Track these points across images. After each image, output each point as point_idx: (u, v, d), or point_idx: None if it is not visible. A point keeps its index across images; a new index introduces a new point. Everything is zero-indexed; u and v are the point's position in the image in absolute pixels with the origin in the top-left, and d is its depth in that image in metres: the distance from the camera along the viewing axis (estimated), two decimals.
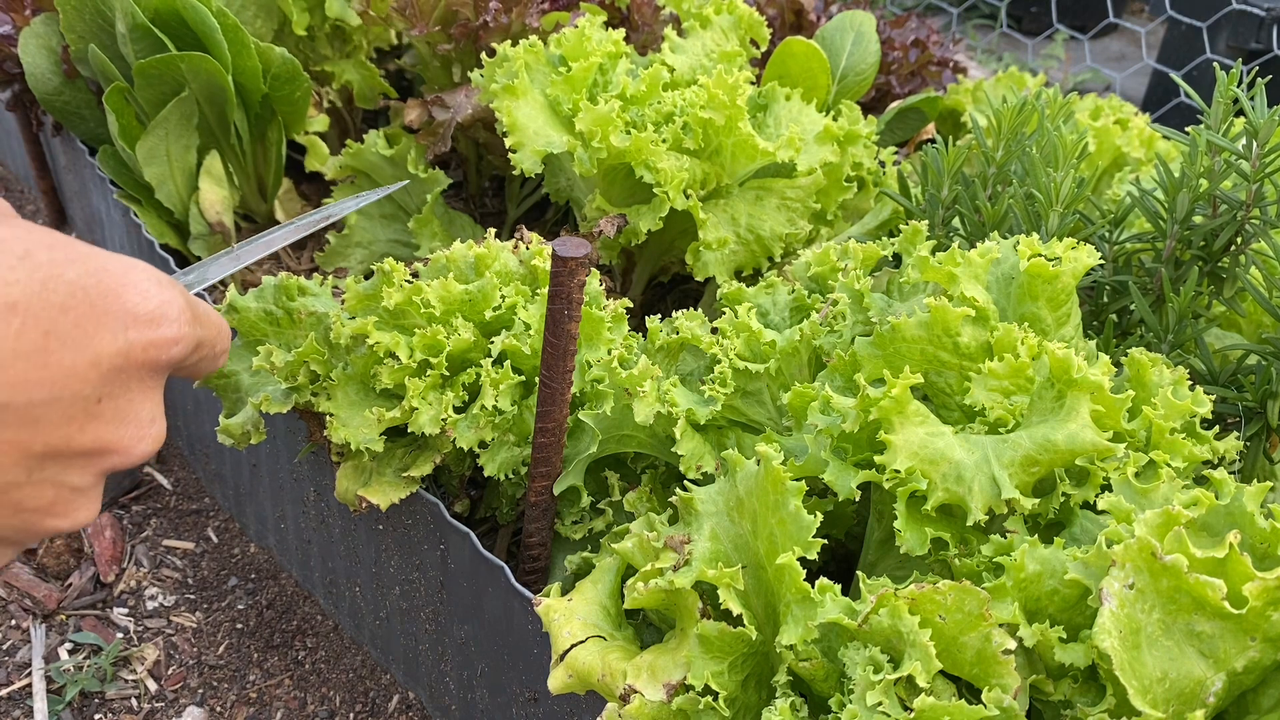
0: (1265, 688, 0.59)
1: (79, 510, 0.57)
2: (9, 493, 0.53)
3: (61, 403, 0.52)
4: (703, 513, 0.71)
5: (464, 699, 1.03)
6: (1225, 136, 0.88)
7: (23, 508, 0.54)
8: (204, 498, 1.40)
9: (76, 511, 0.57)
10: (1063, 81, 3.54)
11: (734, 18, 1.26)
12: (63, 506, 0.56)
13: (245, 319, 0.96)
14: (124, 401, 0.55)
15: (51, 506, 0.56)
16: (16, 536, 0.56)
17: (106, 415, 0.54)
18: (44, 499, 0.55)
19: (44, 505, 0.55)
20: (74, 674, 1.14)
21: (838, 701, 0.62)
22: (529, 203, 1.43)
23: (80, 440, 0.54)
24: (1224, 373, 0.89)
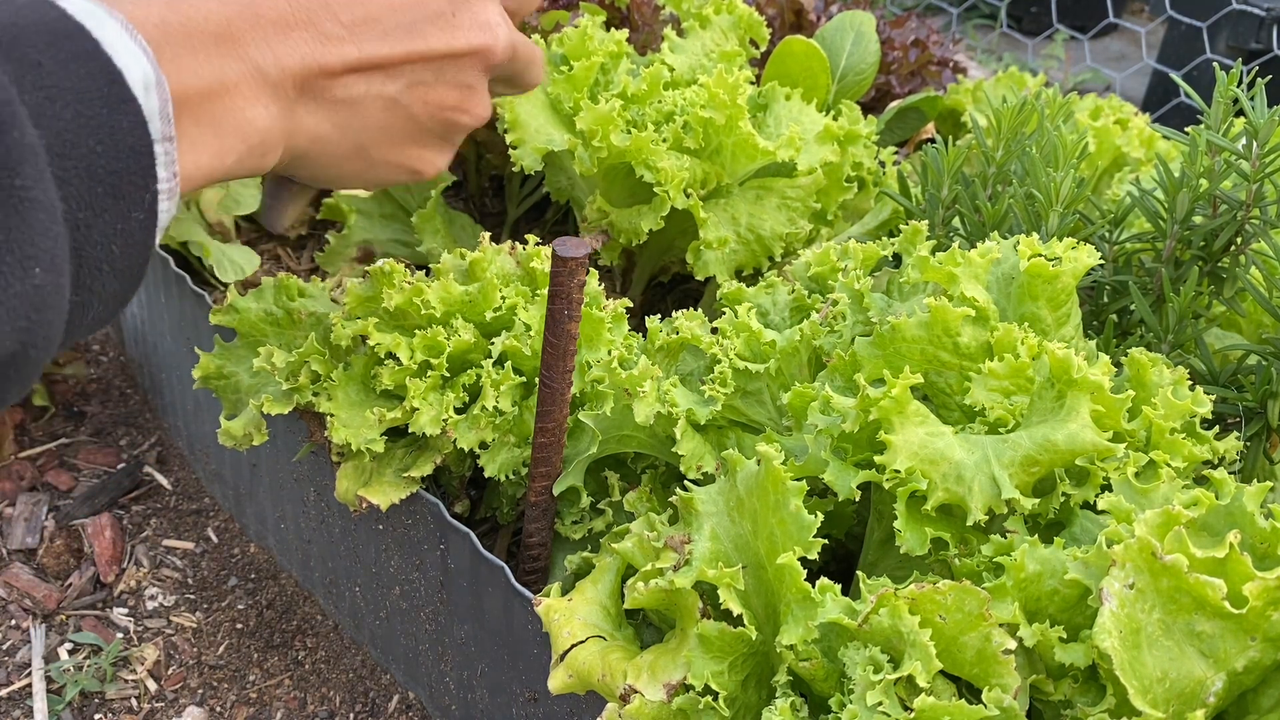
0: (1265, 688, 0.60)
1: (478, 104, 0.75)
2: (424, 93, 0.70)
3: (431, 19, 0.69)
4: (703, 512, 0.71)
5: (464, 699, 1.03)
6: (1225, 136, 0.88)
7: (442, 105, 0.72)
8: (204, 498, 1.40)
9: (477, 106, 0.75)
10: (1063, 81, 3.54)
11: (734, 17, 1.26)
12: (466, 102, 0.74)
13: (245, 319, 0.96)
14: (474, 12, 0.71)
15: (460, 103, 0.73)
16: (444, 132, 0.74)
17: (465, 24, 0.70)
18: (452, 98, 0.72)
19: (454, 103, 0.73)
20: (74, 674, 1.14)
21: (838, 701, 0.62)
22: (529, 202, 1.43)
23: (456, 43, 0.70)
24: (1224, 373, 0.89)
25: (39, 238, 0.46)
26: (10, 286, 0.45)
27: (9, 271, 0.45)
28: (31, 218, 0.45)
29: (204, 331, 1.17)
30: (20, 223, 0.45)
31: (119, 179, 0.51)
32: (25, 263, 0.45)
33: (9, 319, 0.45)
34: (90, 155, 0.49)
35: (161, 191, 0.54)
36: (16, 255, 0.45)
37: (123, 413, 1.52)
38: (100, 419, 1.51)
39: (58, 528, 1.31)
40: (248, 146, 0.61)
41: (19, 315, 0.46)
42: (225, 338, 1.00)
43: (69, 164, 0.48)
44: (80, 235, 0.50)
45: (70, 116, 0.49)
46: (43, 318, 0.47)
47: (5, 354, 0.46)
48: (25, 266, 0.45)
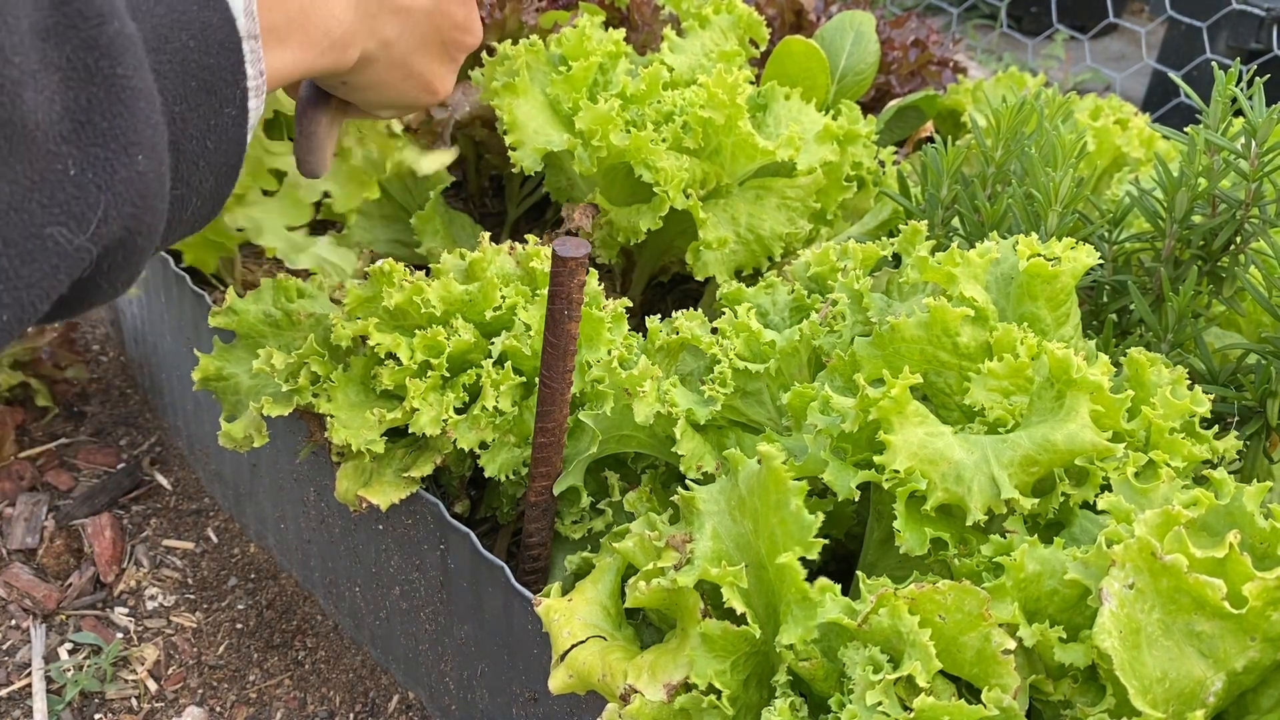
0: (1265, 688, 0.60)
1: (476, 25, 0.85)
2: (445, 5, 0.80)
3: None
4: (704, 512, 0.71)
5: (464, 699, 1.03)
6: (1224, 136, 0.88)
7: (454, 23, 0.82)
8: (204, 498, 1.40)
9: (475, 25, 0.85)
10: (1063, 81, 3.54)
11: (733, 17, 1.26)
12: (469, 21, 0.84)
13: (244, 321, 0.96)
14: None
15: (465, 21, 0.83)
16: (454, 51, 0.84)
17: None
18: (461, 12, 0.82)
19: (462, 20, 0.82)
20: (74, 674, 1.14)
21: (838, 701, 0.62)
22: (529, 202, 1.43)
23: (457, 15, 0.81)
24: (1223, 372, 0.89)
25: (142, 125, 0.47)
26: (116, 172, 0.46)
27: (114, 158, 0.46)
28: (134, 106, 0.47)
29: (204, 332, 1.17)
30: (124, 110, 0.46)
31: (211, 74, 0.53)
32: (130, 149, 0.47)
33: (116, 204, 0.46)
34: (184, 50, 0.51)
35: (250, 89, 0.56)
36: (121, 142, 0.46)
37: (123, 413, 1.52)
38: (100, 419, 1.51)
39: (58, 528, 1.31)
40: (330, 41, 0.65)
41: (125, 201, 0.47)
42: (225, 339, 1.00)
43: (164, 58, 0.50)
44: (177, 129, 0.51)
45: (164, 12, 0.50)
46: (147, 204, 0.49)
47: (113, 239, 0.47)
48: (130, 153, 0.47)
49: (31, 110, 0.43)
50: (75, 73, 0.45)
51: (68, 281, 0.46)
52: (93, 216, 0.45)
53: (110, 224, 0.46)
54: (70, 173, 0.44)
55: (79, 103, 0.45)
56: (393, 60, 0.76)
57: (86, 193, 0.45)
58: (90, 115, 0.45)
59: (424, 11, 0.77)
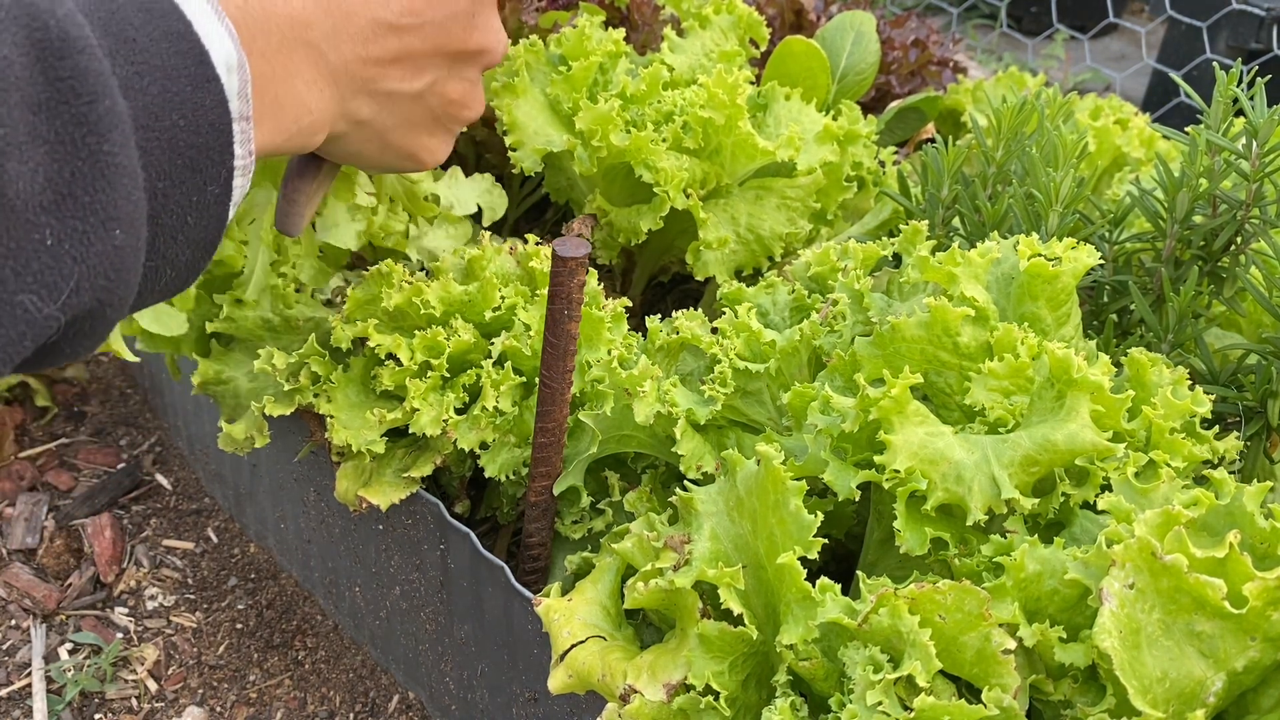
0: (1265, 688, 0.59)
1: (477, 101, 0.82)
2: (440, 86, 0.77)
3: (456, 17, 0.75)
4: (703, 512, 0.71)
5: (464, 699, 1.03)
6: (1225, 136, 0.88)
7: (448, 98, 0.78)
8: (204, 498, 1.40)
9: (476, 102, 0.82)
10: (1063, 81, 3.54)
11: (733, 17, 1.26)
12: (468, 97, 0.81)
13: (243, 326, 0.96)
14: (487, 17, 0.79)
15: (463, 97, 0.80)
16: (449, 124, 0.81)
17: (480, 26, 0.78)
18: (458, 90, 0.79)
19: (459, 97, 0.79)
20: (74, 674, 1.14)
21: (838, 701, 0.62)
22: (529, 203, 1.43)
23: (470, 42, 0.77)
24: (1224, 372, 0.89)
25: (122, 201, 0.48)
26: (92, 245, 0.47)
27: (92, 231, 0.47)
28: (116, 182, 0.48)
29: None
30: (106, 186, 0.47)
31: (198, 153, 0.54)
32: (108, 224, 0.48)
33: (89, 277, 0.47)
34: (173, 129, 0.52)
35: (237, 168, 0.57)
36: (100, 216, 0.47)
37: (123, 413, 1.52)
38: (100, 419, 1.51)
39: (58, 528, 1.31)
40: (299, 127, 0.65)
41: (99, 274, 0.48)
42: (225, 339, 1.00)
43: (152, 135, 0.51)
44: (157, 204, 0.52)
45: (157, 91, 0.51)
46: (120, 278, 0.49)
47: (83, 310, 0.48)
48: (108, 228, 0.48)
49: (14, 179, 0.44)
50: (62, 146, 0.46)
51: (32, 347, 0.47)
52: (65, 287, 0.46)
53: (82, 295, 0.47)
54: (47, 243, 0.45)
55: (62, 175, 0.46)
56: (366, 137, 0.75)
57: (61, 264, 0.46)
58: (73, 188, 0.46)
59: (410, 95, 0.75)
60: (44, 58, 0.45)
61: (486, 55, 0.80)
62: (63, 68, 0.46)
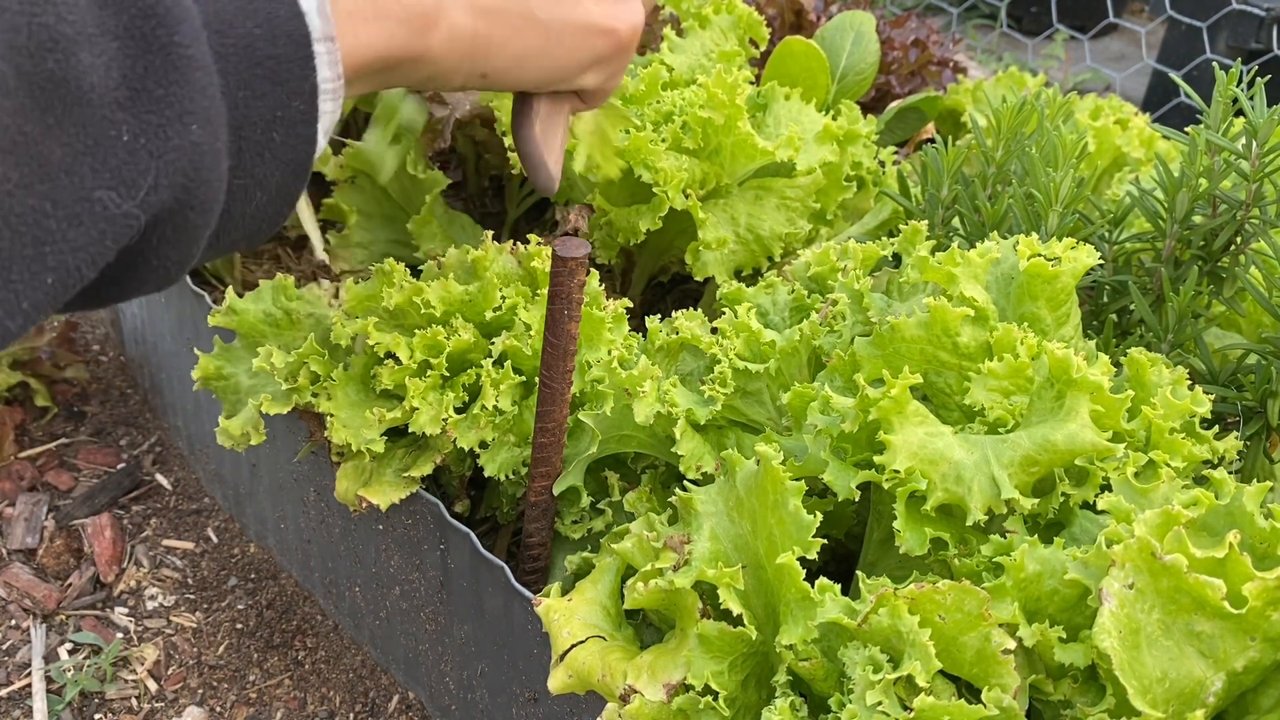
0: (1265, 688, 0.59)
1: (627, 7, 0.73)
2: None
3: None
4: (702, 513, 0.71)
5: (464, 699, 1.03)
6: (1225, 136, 0.88)
7: None
8: (204, 498, 1.40)
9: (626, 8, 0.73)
10: (1063, 81, 3.54)
11: (733, 17, 1.26)
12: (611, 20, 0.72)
13: (244, 321, 0.96)
14: None
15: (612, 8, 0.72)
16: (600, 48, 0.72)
17: None
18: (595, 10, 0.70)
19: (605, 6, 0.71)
20: (74, 674, 1.14)
21: (837, 701, 0.62)
22: (529, 203, 1.43)
23: None
24: (1224, 372, 0.89)
25: (197, 95, 0.47)
26: (170, 140, 0.46)
27: (168, 125, 0.46)
28: (190, 75, 0.47)
29: (204, 332, 1.17)
30: (179, 78, 0.46)
31: (277, 63, 0.52)
32: (184, 117, 0.47)
33: (167, 173, 0.46)
34: (248, 36, 0.51)
35: (324, 90, 0.55)
36: (175, 109, 0.46)
37: (123, 413, 1.52)
38: (100, 419, 1.51)
39: (58, 528, 1.31)
40: (403, 8, 0.61)
41: (177, 170, 0.47)
42: (225, 338, 1.00)
43: (227, 41, 0.50)
44: (239, 114, 0.51)
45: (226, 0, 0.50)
46: (200, 176, 0.48)
47: (163, 207, 0.47)
48: (184, 121, 0.47)
49: (87, 72, 0.43)
50: (132, 40, 0.45)
51: (114, 248, 0.46)
52: (143, 183, 0.45)
53: (160, 192, 0.46)
54: (124, 138, 0.45)
55: (135, 70, 0.45)
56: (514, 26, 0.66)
57: (138, 159, 0.45)
58: (145, 82, 0.45)
59: None
60: None
61: None
62: None
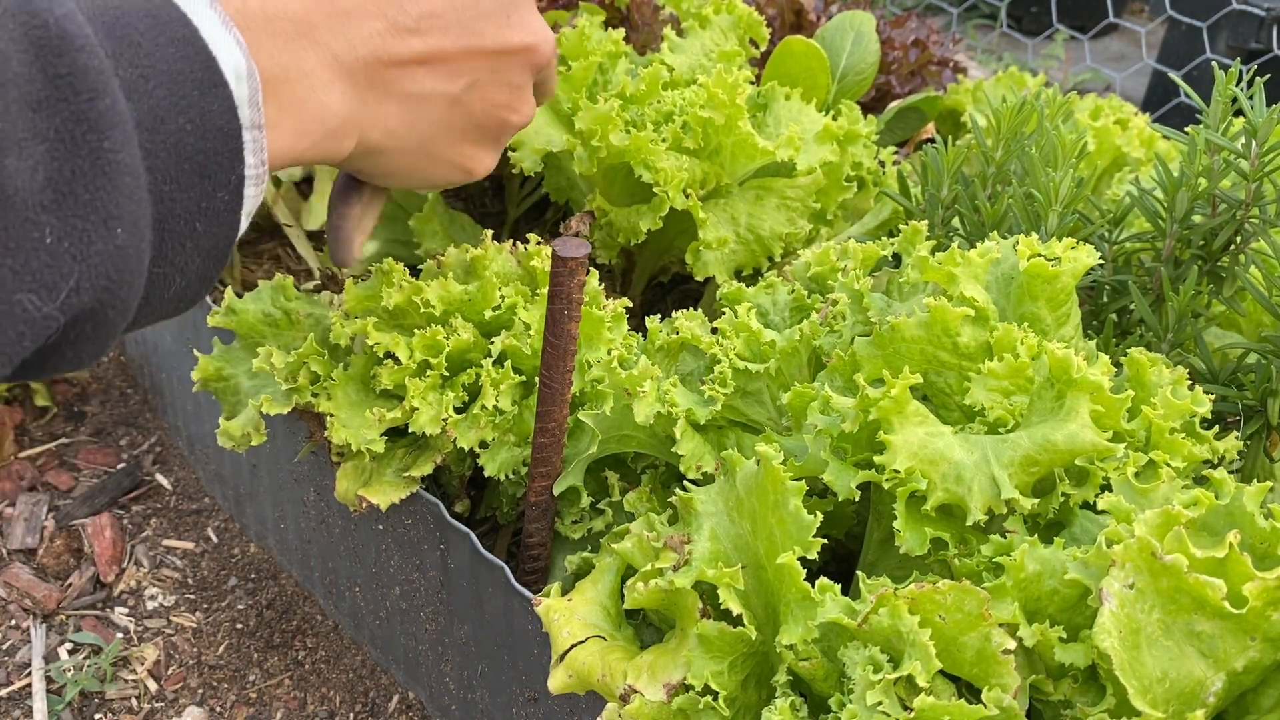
0: (1265, 688, 0.59)
1: (527, 104, 0.78)
2: (481, 90, 0.73)
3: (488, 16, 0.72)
4: (702, 513, 0.71)
5: (464, 699, 1.03)
6: (1224, 136, 0.88)
7: (496, 104, 0.75)
8: (204, 498, 1.40)
9: (525, 105, 0.78)
10: (1063, 81, 3.54)
11: (733, 17, 1.26)
12: (515, 100, 0.77)
13: (243, 321, 0.96)
14: (524, 14, 0.75)
15: (510, 101, 0.76)
16: (497, 132, 0.77)
17: (517, 24, 0.74)
18: (504, 96, 0.75)
19: (505, 101, 0.76)
20: (74, 674, 1.14)
21: (838, 701, 0.62)
22: (529, 202, 1.43)
23: (509, 41, 0.73)
24: (1224, 372, 0.89)
25: (124, 200, 0.48)
26: (93, 244, 0.46)
27: (92, 230, 0.46)
28: (118, 180, 0.47)
29: (204, 332, 1.17)
30: (107, 183, 0.47)
31: (206, 158, 0.53)
32: (109, 222, 0.47)
33: (90, 276, 0.47)
34: (179, 133, 0.52)
35: (249, 177, 0.56)
36: (101, 214, 0.47)
37: (123, 413, 1.52)
38: (100, 419, 1.51)
39: (58, 528, 1.31)
40: (325, 130, 0.64)
41: (100, 274, 0.47)
42: (224, 339, 1.00)
43: (158, 139, 0.51)
44: (164, 208, 0.52)
45: (163, 95, 0.51)
46: (122, 279, 0.49)
47: (83, 309, 0.48)
48: (109, 226, 0.47)
49: (13, 176, 0.43)
50: (62, 144, 0.45)
51: (32, 348, 0.46)
52: (64, 286, 0.46)
53: (82, 295, 0.47)
54: (47, 241, 0.45)
55: (62, 173, 0.45)
56: (408, 148, 0.72)
57: (61, 262, 0.45)
58: (73, 186, 0.46)
59: (448, 98, 0.72)
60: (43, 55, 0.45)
61: (531, 53, 0.76)
62: (62, 64, 0.45)
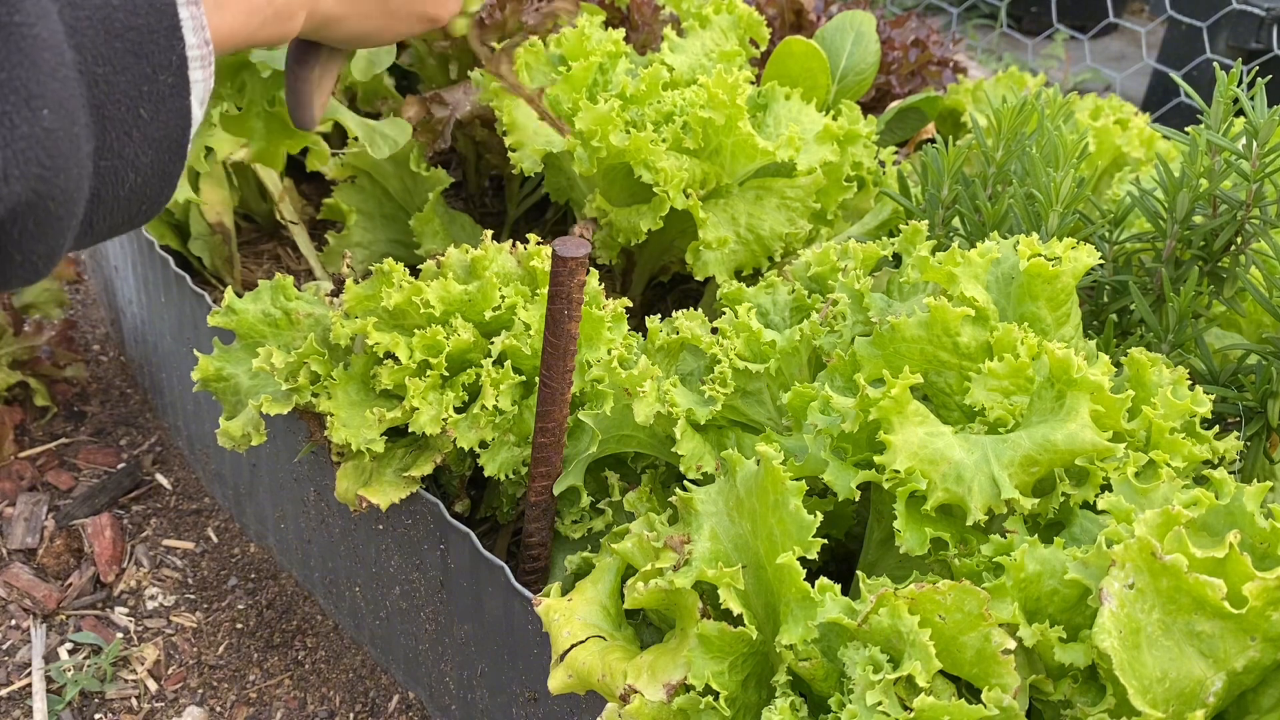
0: (1265, 688, 0.59)
1: None
2: None
3: None
4: (702, 512, 0.71)
5: (464, 699, 1.03)
6: (1225, 136, 0.88)
7: None
8: (204, 498, 1.40)
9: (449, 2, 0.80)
10: (1063, 81, 3.54)
11: (733, 17, 1.26)
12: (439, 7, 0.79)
13: (243, 321, 0.96)
14: None
15: None
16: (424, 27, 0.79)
17: None
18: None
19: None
20: (74, 674, 1.14)
21: (837, 701, 0.62)
22: (529, 203, 1.43)
23: None
24: (1224, 372, 0.89)
25: (45, 78, 0.44)
26: (17, 128, 0.43)
27: (14, 112, 0.43)
28: (35, 55, 0.44)
29: (204, 331, 1.17)
30: (22, 59, 0.43)
31: (140, 35, 0.50)
32: (31, 102, 0.43)
33: (18, 162, 0.43)
34: (105, 7, 0.48)
35: (192, 59, 0.53)
36: (21, 94, 0.43)
37: (123, 413, 1.52)
38: (100, 419, 1.51)
39: (58, 528, 1.31)
40: (273, 7, 0.62)
41: (28, 160, 0.43)
42: (224, 339, 1.00)
43: (81, 14, 0.47)
44: (100, 92, 0.48)
45: None
46: (56, 165, 0.45)
47: (19, 201, 0.44)
48: (32, 106, 0.43)
49: None
50: None
51: None
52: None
53: (12, 183, 0.43)
54: None
55: None
56: (366, 11, 0.72)
57: None
58: None
59: None
60: None
61: None
62: None
